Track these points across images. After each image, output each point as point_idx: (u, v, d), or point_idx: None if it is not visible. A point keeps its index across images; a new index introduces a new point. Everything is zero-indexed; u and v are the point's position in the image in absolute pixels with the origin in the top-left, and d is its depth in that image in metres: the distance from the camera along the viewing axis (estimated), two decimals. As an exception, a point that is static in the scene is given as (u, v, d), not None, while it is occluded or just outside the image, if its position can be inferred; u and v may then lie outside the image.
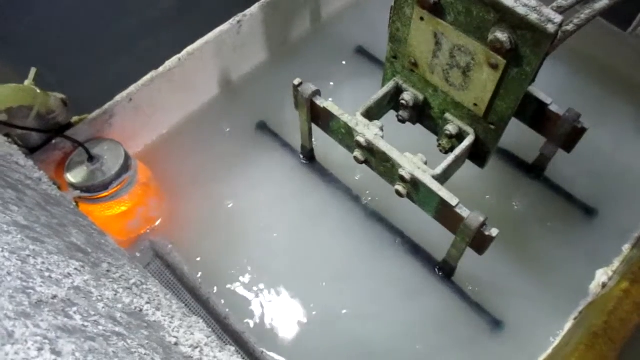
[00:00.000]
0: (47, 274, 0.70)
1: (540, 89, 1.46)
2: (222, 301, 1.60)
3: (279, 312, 1.61)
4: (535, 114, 1.50)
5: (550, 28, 1.06)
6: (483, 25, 1.16)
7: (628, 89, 2.01)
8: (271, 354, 1.53)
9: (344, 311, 1.61)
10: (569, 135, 1.51)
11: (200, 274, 1.65)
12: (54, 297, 0.65)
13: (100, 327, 0.66)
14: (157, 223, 1.75)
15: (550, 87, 1.50)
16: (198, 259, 1.68)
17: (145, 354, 0.68)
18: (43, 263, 0.73)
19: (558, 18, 1.06)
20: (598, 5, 1.29)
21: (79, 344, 0.57)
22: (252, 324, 1.59)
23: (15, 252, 0.70)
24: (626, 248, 1.43)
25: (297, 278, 1.67)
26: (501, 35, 1.13)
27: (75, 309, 0.66)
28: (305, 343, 1.56)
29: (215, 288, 1.63)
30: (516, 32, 1.12)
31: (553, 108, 1.47)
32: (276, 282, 1.66)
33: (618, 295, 1.26)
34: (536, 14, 1.07)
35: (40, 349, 0.51)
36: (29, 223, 0.84)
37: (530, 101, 1.47)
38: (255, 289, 1.65)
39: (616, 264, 1.40)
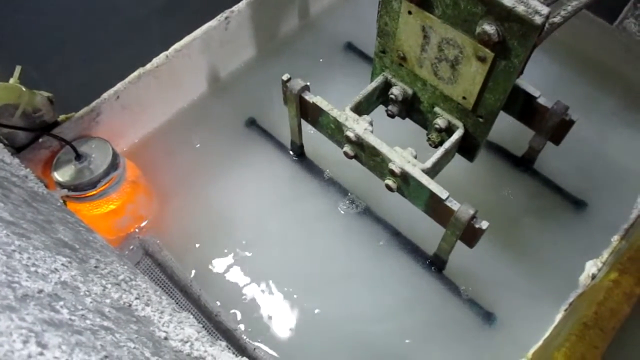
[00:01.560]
0: (33, 268, 0.69)
1: (528, 82, 1.47)
2: (213, 299, 1.59)
3: (271, 310, 1.60)
4: (523, 106, 1.51)
5: (537, 20, 1.07)
6: (471, 18, 1.17)
7: (615, 81, 2.02)
8: (263, 347, 1.52)
9: (334, 306, 1.60)
10: (557, 127, 1.52)
11: (191, 271, 1.64)
12: (40, 291, 0.64)
13: (88, 321, 0.66)
14: (147, 221, 1.74)
15: (538, 80, 1.51)
16: (188, 256, 1.67)
17: (134, 348, 0.67)
18: (29, 258, 0.72)
19: (545, 10, 1.07)
20: (584, -3, 1.30)
21: (66, 337, 0.57)
22: (243, 322, 1.58)
23: (0, 247, 0.69)
24: (615, 239, 1.44)
25: (288, 275, 1.66)
26: (489, 28, 1.13)
27: (62, 303, 0.65)
28: (298, 340, 1.56)
29: (206, 286, 1.62)
30: (503, 25, 1.12)
31: (541, 101, 1.48)
32: (267, 279, 1.65)
33: (607, 286, 1.27)
34: (523, 6, 1.07)
35: (25, 342, 0.50)
36: (14, 219, 0.83)
37: (518, 94, 1.48)
38: (246, 286, 1.64)
39: (605, 255, 1.40)
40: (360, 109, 1.49)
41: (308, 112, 1.57)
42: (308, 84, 1.53)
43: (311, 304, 1.61)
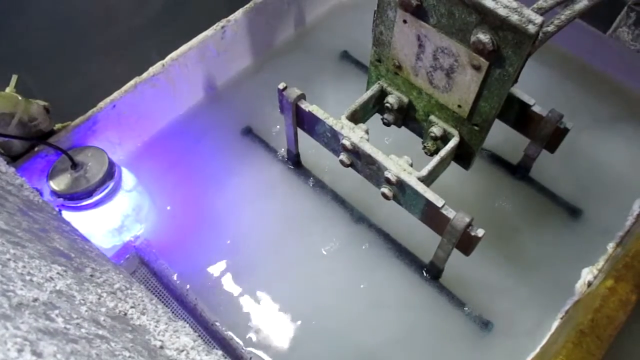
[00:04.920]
0: (28, 277, 0.69)
1: (522, 91, 1.48)
2: (209, 308, 1.58)
3: (267, 319, 1.60)
4: (518, 115, 1.52)
5: (531, 29, 1.08)
6: (465, 27, 1.17)
7: (608, 89, 2.04)
8: (259, 356, 1.52)
9: (332, 316, 1.60)
10: (552, 135, 1.53)
11: (186, 281, 1.63)
12: (35, 300, 0.64)
13: (83, 330, 0.65)
14: (143, 230, 1.73)
15: (532, 88, 1.52)
16: (184, 265, 1.67)
17: (129, 357, 0.67)
18: (24, 267, 0.71)
19: (538, 19, 1.08)
20: (578, 7, 1.31)
21: (61, 345, 0.56)
22: (240, 331, 1.57)
23: (-5, 256, 0.69)
24: (611, 247, 1.45)
25: (285, 284, 1.66)
26: (483, 37, 1.14)
27: (57, 311, 0.65)
28: (294, 350, 1.55)
29: (202, 295, 1.61)
30: (498, 34, 1.13)
31: (536, 109, 1.49)
32: (264, 288, 1.65)
33: (603, 293, 1.27)
34: (517, 15, 1.08)
35: (20, 350, 0.50)
36: (9, 228, 0.83)
37: (513, 102, 1.49)
38: (242, 295, 1.64)
39: (601, 262, 1.41)
40: (356, 117, 1.50)
41: (304, 121, 1.57)
42: (304, 92, 1.53)
43: (307, 314, 1.61)
